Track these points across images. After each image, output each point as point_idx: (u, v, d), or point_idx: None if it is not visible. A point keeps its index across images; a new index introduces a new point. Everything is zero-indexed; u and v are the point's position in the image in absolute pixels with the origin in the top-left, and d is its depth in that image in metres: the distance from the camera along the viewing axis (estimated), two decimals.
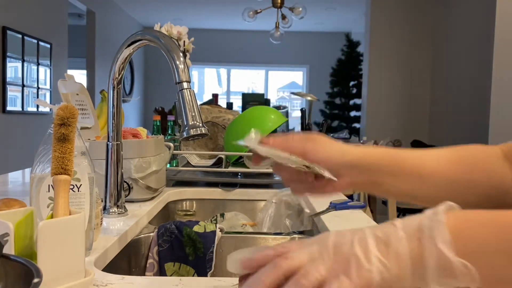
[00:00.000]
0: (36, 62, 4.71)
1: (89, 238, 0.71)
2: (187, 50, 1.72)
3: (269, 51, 8.35)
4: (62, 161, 0.55)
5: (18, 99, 4.46)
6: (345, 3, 6.55)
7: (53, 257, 0.52)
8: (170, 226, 1.02)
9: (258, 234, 1.07)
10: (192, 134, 0.83)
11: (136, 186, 1.13)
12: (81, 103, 1.10)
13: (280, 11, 4.70)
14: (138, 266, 1.01)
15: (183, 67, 0.85)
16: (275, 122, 1.48)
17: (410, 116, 5.14)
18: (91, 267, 0.68)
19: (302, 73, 8.98)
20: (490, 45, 2.48)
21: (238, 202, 1.40)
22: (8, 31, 4.16)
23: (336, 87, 6.89)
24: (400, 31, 5.04)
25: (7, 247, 0.50)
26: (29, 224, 0.55)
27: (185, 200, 1.40)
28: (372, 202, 3.74)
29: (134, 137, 1.19)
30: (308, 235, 1.06)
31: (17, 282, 0.44)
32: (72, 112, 0.57)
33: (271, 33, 4.88)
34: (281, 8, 4.65)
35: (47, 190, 0.65)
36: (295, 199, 1.20)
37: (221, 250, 1.03)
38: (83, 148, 0.69)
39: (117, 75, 0.96)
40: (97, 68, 6.10)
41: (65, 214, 0.55)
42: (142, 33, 0.93)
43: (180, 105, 0.85)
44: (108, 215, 0.98)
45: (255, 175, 1.50)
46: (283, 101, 9.39)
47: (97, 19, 6.13)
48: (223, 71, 9.07)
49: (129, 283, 0.63)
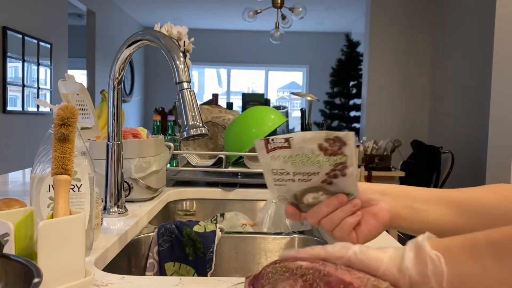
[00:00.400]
0: (36, 62, 4.71)
1: (89, 238, 0.71)
2: (187, 50, 1.72)
3: (269, 51, 8.35)
4: (62, 161, 0.55)
5: (19, 99, 4.46)
6: (345, 3, 6.55)
7: (53, 257, 0.52)
8: (170, 226, 1.02)
9: (258, 234, 1.07)
10: (192, 134, 0.83)
11: (136, 186, 1.13)
12: (81, 103, 1.10)
13: (280, 11, 4.70)
14: (138, 266, 1.01)
15: (183, 67, 0.85)
16: (275, 122, 1.48)
17: (410, 116, 5.14)
18: (91, 267, 0.68)
19: (302, 73, 8.97)
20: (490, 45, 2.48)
21: (238, 202, 1.40)
22: (8, 31, 4.16)
23: (336, 87, 6.89)
24: (400, 31, 5.04)
25: (7, 247, 0.50)
26: (29, 224, 0.55)
27: (185, 200, 1.40)
28: None
29: (134, 137, 1.19)
30: (308, 235, 1.06)
31: (17, 282, 0.44)
32: (72, 112, 0.57)
33: (271, 33, 4.88)
34: (281, 8, 4.65)
35: (48, 190, 0.65)
36: None
37: (221, 250, 1.03)
38: (84, 148, 0.69)
39: (117, 75, 0.96)
40: (97, 68, 6.10)
41: (65, 214, 0.55)
42: (142, 33, 0.93)
43: (180, 105, 0.85)
44: (108, 215, 0.98)
45: (255, 175, 1.50)
46: (283, 101, 9.39)
47: (97, 19, 6.13)
48: (223, 71, 9.06)
49: (129, 283, 0.63)
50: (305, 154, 0.55)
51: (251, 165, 1.49)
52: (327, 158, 0.55)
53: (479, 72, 3.89)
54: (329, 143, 0.54)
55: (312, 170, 0.56)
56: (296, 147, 0.55)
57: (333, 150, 0.54)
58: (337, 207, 0.58)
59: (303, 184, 0.57)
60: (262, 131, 1.45)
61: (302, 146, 0.55)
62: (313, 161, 0.55)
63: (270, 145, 0.56)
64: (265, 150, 0.57)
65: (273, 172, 0.58)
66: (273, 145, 0.56)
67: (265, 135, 1.45)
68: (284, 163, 0.56)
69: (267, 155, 0.57)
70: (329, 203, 0.58)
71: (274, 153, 0.56)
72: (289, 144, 0.55)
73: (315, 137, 0.54)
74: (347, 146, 0.54)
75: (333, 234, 0.59)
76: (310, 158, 0.55)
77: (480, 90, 3.84)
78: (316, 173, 0.56)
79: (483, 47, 3.82)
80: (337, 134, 0.54)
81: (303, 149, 0.55)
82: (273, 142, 0.56)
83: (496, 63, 2.30)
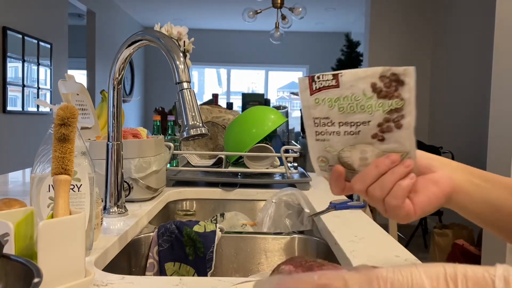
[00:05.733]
0: (36, 62, 4.71)
1: (89, 238, 0.71)
2: (187, 50, 1.72)
3: (269, 51, 8.35)
4: (62, 161, 0.55)
5: (19, 99, 4.46)
6: (345, 3, 6.55)
7: (54, 257, 0.52)
8: (170, 226, 1.02)
9: (258, 234, 1.07)
10: (192, 134, 0.83)
11: (136, 186, 1.13)
12: (81, 103, 1.10)
13: (280, 11, 4.70)
14: (138, 266, 1.01)
15: (183, 67, 0.85)
16: (275, 122, 1.48)
17: None
18: (91, 267, 0.68)
19: (302, 73, 8.97)
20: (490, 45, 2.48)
21: (238, 202, 1.40)
22: (9, 31, 4.16)
23: None
24: (400, 31, 5.04)
25: (7, 247, 0.50)
26: (29, 224, 0.55)
27: (185, 200, 1.40)
28: None
29: (134, 137, 1.19)
30: (308, 235, 1.06)
31: (17, 282, 0.44)
32: (72, 112, 0.57)
33: (271, 33, 4.87)
34: (281, 8, 4.65)
35: (48, 190, 0.65)
36: (295, 199, 1.20)
37: (221, 250, 1.03)
38: (84, 148, 0.69)
39: (117, 75, 0.97)
40: (97, 68, 6.10)
41: (65, 214, 0.55)
42: (142, 33, 0.93)
43: (180, 105, 0.85)
44: (108, 215, 0.98)
45: (255, 175, 1.50)
46: (283, 101, 9.38)
47: (97, 19, 6.12)
48: (223, 71, 9.06)
49: (129, 283, 0.63)
50: (355, 96, 0.47)
51: (251, 165, 1.49)
52: (380, 102, 0.47)
53: (479, 72, 3.89)
54: (384, 83, 0.46)
55: (362, 118, 0.48)
56: (345, 86, 0.47)
57: (388, 91, 0.47)
58: (388, 168, 0.50)
59: (350, 139, 0.50)
60: (262, 131, 1.45)
61: (352, 85, 0.47)
62: (364, 106, 0.48)
63: (316, 84, 0.49)
64: (309, 90, 0.49)
65: (315, 123, 0.50)
66: (318, 84, 0.48)
67: (265, 135, 1.45)
68: (329, 110, 0.49)
69: (310, 98, 0.49)
70: (379, 163, 0.50)
71: (318, 95, 0.49)
72: (338, 83, 0.48)
73: (369, 74, 0.47)
74: (405, 86, 0.47)
75: (385, 204, 0.51)
76: (360, 102, 0.48)
77: (480, 90, 3.84)
78: (367, 122, 0.48)
79: (483, 48, 3.82)
80: (394, 70, 0.46)
81: (354, 89, 0.47)
82: (318, 80, 0.48)
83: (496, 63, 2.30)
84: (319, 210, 1.11)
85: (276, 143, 1.72)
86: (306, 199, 1.19)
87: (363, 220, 1.04)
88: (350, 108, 0.48)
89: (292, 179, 1.44)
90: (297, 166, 1.64)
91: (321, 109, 0.49)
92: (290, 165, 1.59)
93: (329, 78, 0.48)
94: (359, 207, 1.14)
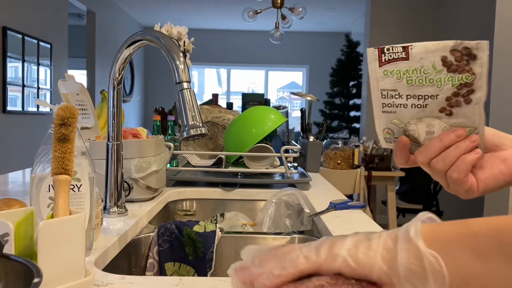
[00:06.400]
0: (36, 62, 4.71)
1: (89, 238, 0.71)
2: (187, 50, 1.72)
3: (269, 51, 8.35)
4: (62, 161, 0.55)
5: (19, 99, 4.46)
6: (345, 3, 6.55)
7: (53, 257, 0.52)
8: (170, 226, 1.02)
9: (258, 234, 1.07)
10: (192, 134, 0.83)
11: (136, 186, 1.13)
12: (81, 103, 1.10)
13: (280, 11, 4.70)
14: (138, 266, 1.01)
15: (183, 67, 0.85)
16: (275, 122, 1.48)
17: None
18: (91, 267, 0.68)
19: (302, 73, 8.97)
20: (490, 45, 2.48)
21: (238, 202, 1.40)
22: (8, 31, 4.16)
23: (336, 87, 6.89)
24: (399, 31, 5.04)
25: (7, 247, 0.50)
26: (29, 224, 0.55)
27: (185, 200, 1.40)
28: (372, 202, 3.75)
29: (134, 137, 1.19)
30: (308, 235, 1.06)
31: (17, 282, 0.44)
32: (72, 112, 0.57)
33: (271, 33, 4.87)
34: (281, 8, 4.65)
35: (47, 190, 0.65)
36: (295, 199, 1.20)
37: (221, 250, 1.03)
38: (84, 148, 0.69)
39: (117, 75, 0.96)
40: (97, 68, 6.10)
41: (65, 214, 0.55)
42: (142, 33, 0.93)
43: (180, 105, 0.85)
44: (108, 215, 0.98)
45: (255, 175, 1.50)
46: (283, 101, 9.38)
47: (97, 19, 6.12)
48: (223, 71, 9.06)
49: (129, 283, 0.63)
50: (424, 69, 0.47)
51: (251, 165, 1.49)
52: (450, 76, 0.46)
53: None
54: (455, 57, 0.46)
55: (430, 91, 0.48)
56: (415, 59, 0.47)
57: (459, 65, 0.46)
58: (453, 142, 0.49)
59: (417, 112, 0.49)
60: (262, 131, 1.45)
61: (422, 58, 0.46)
62: (433, 80, 0.47)
63: (385, 56, 0.48)
64: (378, 62, 0.49)
65: (382, 95, 0.50)
66: (388, 56, 0.48)
67: (265, 135, 1.45)
68: (397, 82, 0.48)
69: (379, 70, 0.49)
70: (444, 136, 0.49)
71: (387, 67, 0.48)
72: (407, 55, 0.47)
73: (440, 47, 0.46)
74: (478, 60, 0.45)
75: (447, 177, 0.50)
76: (429, 75, 0.47)
77: None
78: (435, 96, 0.48)
79: None
80: (467, 43, 0.45)
81: (423, 62, 0.47)
82: (388, 52, 0.48)
83: (496, 63, 2.30)
84: (319, 210, 1.11)
85: (276, 143, 1.72)
86: (306, 199, 1.19)
87: (363, 220, 1.04)
88: (419, 81, 0.48)
89: (292, 179, 1.44)
90: (297, 166, 1.64)
91: (389, 81, 0.49)
92: (290, 165, 1.59)
93: (399, 50, 0.48)
94: (359, 207, 1.14)
